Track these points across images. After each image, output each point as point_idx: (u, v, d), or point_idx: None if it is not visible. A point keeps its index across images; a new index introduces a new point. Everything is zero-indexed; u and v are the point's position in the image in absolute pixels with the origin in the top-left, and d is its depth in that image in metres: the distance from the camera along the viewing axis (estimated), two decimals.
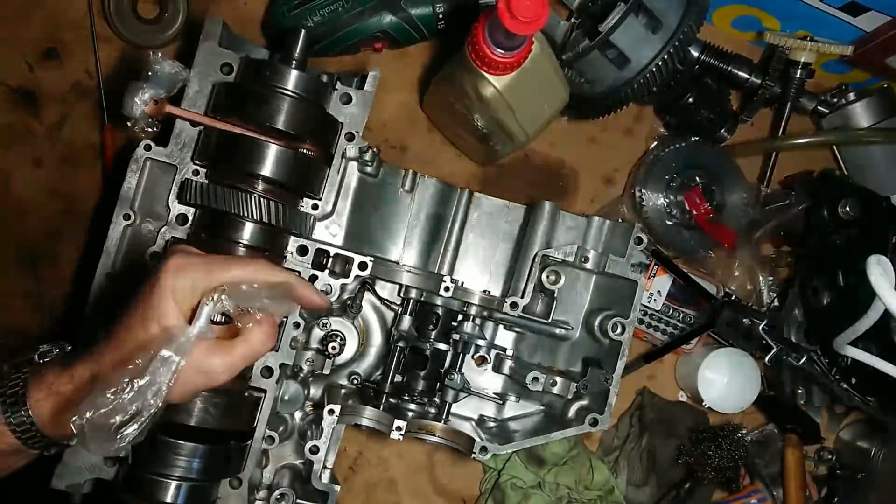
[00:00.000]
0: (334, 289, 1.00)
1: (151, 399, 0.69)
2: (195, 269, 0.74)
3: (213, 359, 0.74)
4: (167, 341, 0.71)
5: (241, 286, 0.74)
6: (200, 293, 0.74)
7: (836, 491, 1.30)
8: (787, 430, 1.27)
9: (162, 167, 0.99)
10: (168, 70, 0.93)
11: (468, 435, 1.02)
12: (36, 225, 1.20)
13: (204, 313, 0.73)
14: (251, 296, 0.75)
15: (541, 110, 1.05)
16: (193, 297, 0.74)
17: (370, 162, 1.04)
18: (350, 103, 1.01)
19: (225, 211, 0.92)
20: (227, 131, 0.93)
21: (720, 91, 1.23)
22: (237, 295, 0.74)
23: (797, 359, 1.14)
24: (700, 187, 1.22)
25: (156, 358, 0.69)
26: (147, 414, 0.69)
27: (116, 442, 0.68)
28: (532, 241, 1.09)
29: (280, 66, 0.95)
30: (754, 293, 1.26)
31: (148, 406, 0.69)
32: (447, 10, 1.13)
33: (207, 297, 0.74)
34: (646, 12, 1.04)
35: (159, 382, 0.69)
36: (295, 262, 0.98)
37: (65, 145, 1.20)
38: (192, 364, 0.73)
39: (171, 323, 0.72)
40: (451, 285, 1.01)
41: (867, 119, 1.23)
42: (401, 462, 1.25)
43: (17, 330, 1.21)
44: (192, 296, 0.74)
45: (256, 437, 0.96)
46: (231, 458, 0.94)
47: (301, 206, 1.00)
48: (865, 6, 1.08)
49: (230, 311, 0.75)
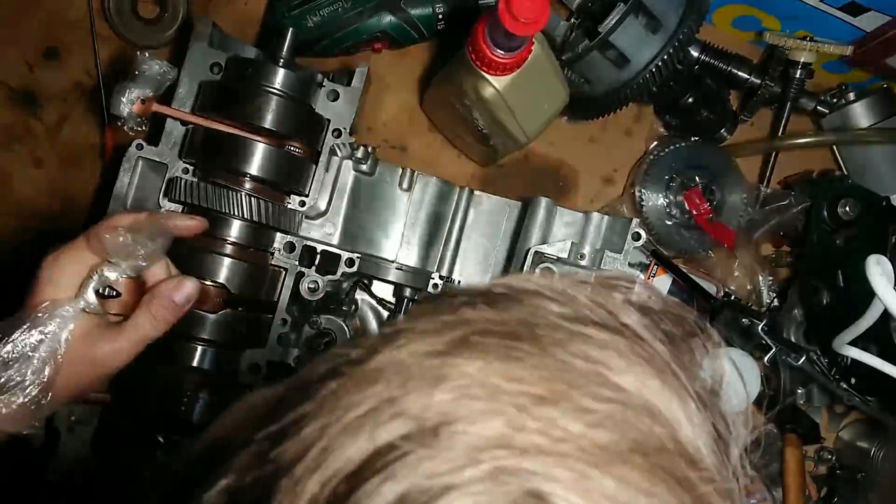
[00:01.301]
0: (321, 285, 1.00)
1: (30, 377, 0.66)
2: (71, 249, 0.74)
3: (101, 345, 0.72)
4: (48, 316, 0.69)
5: (111, 239, 0.72)
6: (87, 270, 0.73)
7: (836, 491, 1.30)
8: (787, 430, 1.27)
9: (154, 166, 1.00)
10: (156, 70, 0.94)
11: None
12: (36, 225, 1.20)
13: (87, 286, 0.72)
14: (127, 248, 0.72)
15: (541, 111, 1.05)
16: (80, 277, 0.73)
17: (363, 160, 1.04)
18: (337, 100, 1.01)
19: (212, 208, 0.92)
20: (212, 129, 0.94)
21: (720, 91, 1.23)
22: (116, 251, 0.72)
23: (797, 359, 1.14)
24: (700, 187, 1.21)
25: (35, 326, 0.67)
26: (24, 395, 0.66)
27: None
28: (527, 238, 1.07)
29: (265, 63, 0.96)
30: (754, 293, 1.26)
31: (25, 385, 0.66)
32: (447, 11, 1.13)
33: (91, 272, 0.73)
34: (645, 13, 1.04)
35: (40, 359, 0.66)
36: (282, 259, 0.99)
37: (65, 145, 1.20)
38: (79, 352, 0.70)
39: (53, 297, 0.71)
40: (440, 282, 1.01)
41: (867, 119, 1.23)
42: None
43: None
44: (78, 276, 0.73)
45: None
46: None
47: (288, 203, 1.00)
48: (865, 6, 1.08)
49: (116, 281, 0.73)
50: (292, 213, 1.00)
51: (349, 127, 1.01)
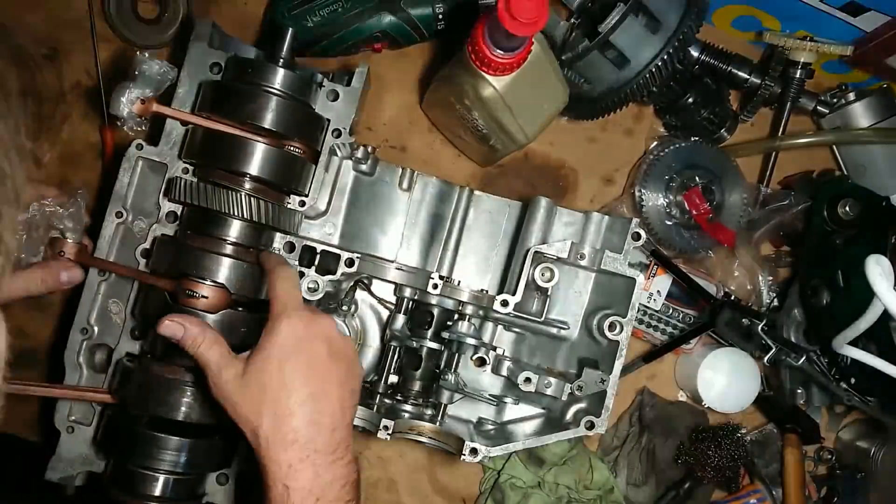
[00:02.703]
0: (321, 285, 0.99)
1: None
2: None
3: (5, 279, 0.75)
4: None
5: None
6: None
7: (836, 491, 1.30)
8: (787, 429, 1.27)
9: (153, 165, 1.00)
10: (155, 70, 0.94)
11: (459, 437, 1.01)
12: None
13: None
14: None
15: (540, 111, 1.05)
16: None
17: (363, 160, 1.04)
18: (337, 100, 1.01)
19: (212, 208, 0.93)
20: (212, 129, 0.94)
21: (720, 91, 1.23)
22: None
23: (796, 359, 1.14)
24: (700, 187, 1.21)
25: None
26: None
27: None
28: (527, 238, 1.07)
29: (265, 63, 0.96)
30: (754, 293, 1.26)
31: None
32: (447, 11, 1.13)
33: None
34: (645, 12, 1.04)
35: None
36: None
37: (65, 145, 1.20)
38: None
39: None
40: (440, 282, 1.01)
41: (867, 119, 1.23)
42: (401, 462, 1.25)
43: (17, 329, 1.21)
44: None
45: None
46: (216, 452, 0.95)
47: (288, 203, 1.00)
48: (865, 6, 1.08)
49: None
50: (292, 213, 1.00)
51: (349, 127, 1.01)
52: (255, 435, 0.80)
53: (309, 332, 0.84)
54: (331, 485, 0.80)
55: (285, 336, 0.82)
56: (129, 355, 1.00)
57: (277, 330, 0.82)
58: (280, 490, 0.78)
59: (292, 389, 0.81)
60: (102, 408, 1.01)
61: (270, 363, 0.81)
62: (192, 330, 0.84)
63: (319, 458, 0.80)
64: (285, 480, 0.78)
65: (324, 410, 0.82)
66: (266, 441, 0.79)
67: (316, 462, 0.80)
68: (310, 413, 0.81)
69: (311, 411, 0.81)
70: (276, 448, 0.79)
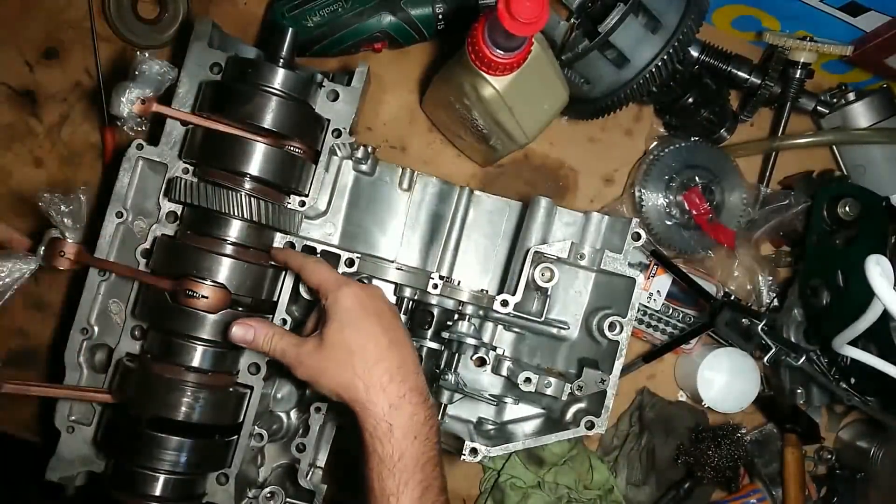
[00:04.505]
0: None
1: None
2: None
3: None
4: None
5: None
6: None
7: (836, 491, 1.30)
8: (787, 429, 1.27)
9: (154, 166, 1.00)
10: (155, 70, 0.95)
11: (459, 437, 1.01)
12: (35, 225, 1.20)
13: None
14: None
15: (540, 111, 1.05)
16: None
17: (363, 160, 1.04)
18: (337, 100, 1.01)
19: (212, 208, 0.93)
20: (212, 129, 0.94)
21: (720, 91, 1.23)
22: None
23: (796, 359, 1.14)
24: (700, 187, 1.22)
25: None
26: None
27: None
28: (527, 238, 1.07)
29: (265, 64, 0.96)
30: (754, 293, 1.26)
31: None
32: (447, 11, 1.13)
33: None
34: (645, 12, 1.04)
35: None
36: None
37: (65, 145, 1.21)
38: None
39: None
40: (440, 282, 1.01)
41: (867, 119, 1.23)
42: None
43: (17, 329, 1.21)
44: None
45: (243, 433, 0.98)
46: (216, 452, 0.96)
47: (288, 203, 1.00)
48: (865, 6, 1.08)
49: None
50: (292, 213, 1.00)
51: (349, 127, 1.01)
52: (352, 389, 0.85)
53: (369, 294, 0.90)
54: (423, 424, 0.86)
55: (350, 302, 0.88)
56: (129, 355, 1.00)
57: (340, 300, 0.87)
58: (384, 429, 0.83)
59: (375, 341, 0.87)
60: (102, 408, 1.00)
61: (346, 327, 0.87)
62: (261, 330, 0.90)
63: (414, 396, 0.86)
64: (388, 419, 0.84)
65: (406, 354, 0.89)
66: (365, 390, 0.85)
67: (412, 400, 0.85)
68: (397, 356, 0.87)
69: (397, 355, 0.87)
70: (374, 391, 0.84)
